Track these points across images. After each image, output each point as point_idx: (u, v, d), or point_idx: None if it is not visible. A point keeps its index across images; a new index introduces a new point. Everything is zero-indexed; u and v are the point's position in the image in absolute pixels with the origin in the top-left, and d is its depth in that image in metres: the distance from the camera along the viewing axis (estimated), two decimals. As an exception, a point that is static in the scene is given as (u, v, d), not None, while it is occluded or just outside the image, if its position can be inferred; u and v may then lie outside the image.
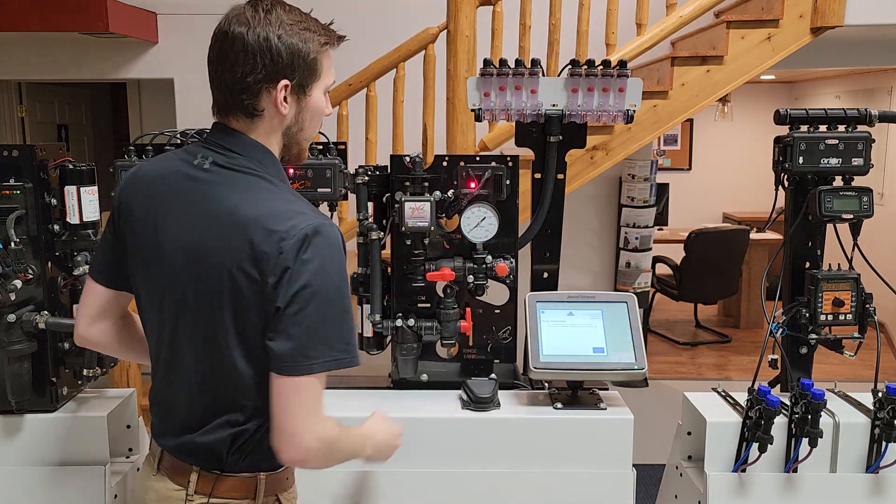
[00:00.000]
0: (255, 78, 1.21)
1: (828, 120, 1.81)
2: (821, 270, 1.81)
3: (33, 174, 1.72)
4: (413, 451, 1.74)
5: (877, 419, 1.69)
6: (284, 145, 1.31)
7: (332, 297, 1.20)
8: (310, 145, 1.39)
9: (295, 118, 1.28)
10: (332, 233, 1.21)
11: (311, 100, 1.29)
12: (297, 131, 1.30)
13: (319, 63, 1.28)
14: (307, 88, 1.27)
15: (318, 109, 1.31)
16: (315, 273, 1.18)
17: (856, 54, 4.28)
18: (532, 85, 1.94)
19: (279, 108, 1.24)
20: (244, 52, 1.20)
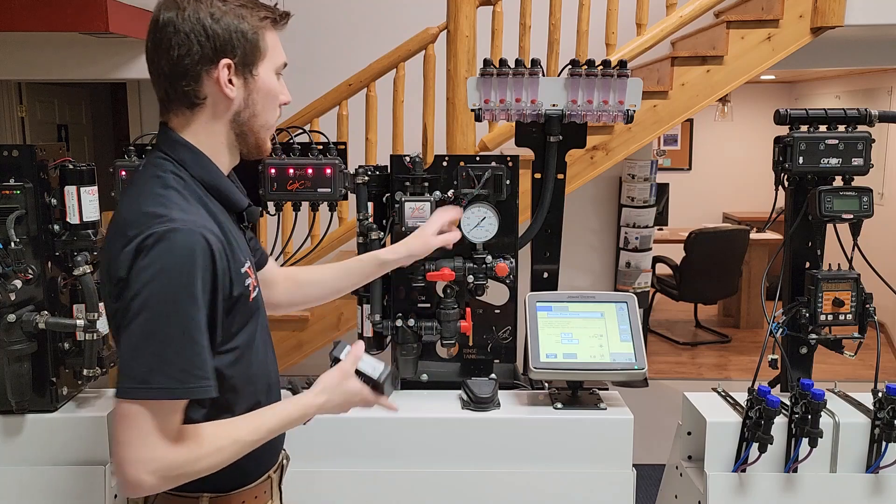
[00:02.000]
0: (193, 60, 1.15)
1: (828, 120, 1.81)
2: (821, 270, 1.81)
3: (33, 174, 1.72)
4: (413, 451, 1.74)
5: (877, 419, 1.69)
6: (238, 135, 1.23)
7: (166, 313, 1.06)
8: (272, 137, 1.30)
9: (244, 102, 1.20)
10: (184, 239, 1.07)
11: (259, 80, 1.21)
12: (250, 117, 1.22)
13: (262, 40, 1.20)
14: (253, 68, 1.20)
15: (270, 91, 1.23)
16: (147, 283, 1.06)
17: (856, 54, 4.28)
18: (532, 85, 1.94)
19: (224, 90, 1.17)
20: (177, 34, 1.14)
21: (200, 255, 1.08)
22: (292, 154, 1.87)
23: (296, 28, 4.72)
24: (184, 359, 1.07)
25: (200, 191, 1.19)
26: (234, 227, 1.26)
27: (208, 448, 1.13)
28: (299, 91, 3.84)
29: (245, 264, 1.20)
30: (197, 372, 1.09)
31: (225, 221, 1.21)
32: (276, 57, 1.24)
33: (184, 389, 1.07)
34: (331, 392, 1.28)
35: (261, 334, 1.28)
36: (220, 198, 1.23)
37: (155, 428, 1.07)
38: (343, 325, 3.34)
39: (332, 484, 1.75)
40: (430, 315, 1.90)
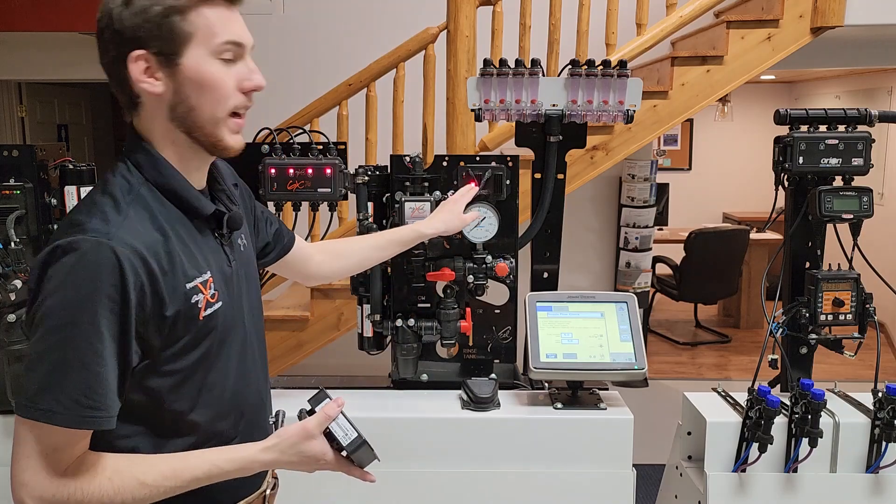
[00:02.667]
0: (109, 58, 1.06)
1: (828, 120, 1.81)
2: (821, 270, 1.81)
3: (33, 174, 1.72)
4: (413, 451, 1.74)
5: (877, 419, 1.69)
6: (186, 133, 1.10)
7: (61, 333, 0.98)
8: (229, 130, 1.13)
9: (175, 95, 1.07)
10: (89, 254, 0.98)
11: (187, 68, 1.06)
12: (187, 112, 1.08)
13: (185, 21, 1.05)
14: (176, 55, 1.05)
15: (205, 79, 1.07)
16: (46, 297, 0.99)
17: (856, 54, 4.28)
18: (532, 85, 1.94)
19: (143, 86, 1.05)
20: (98, 32, 1.06)
21: (106, 273, 0.99)
22: (292, 154, 1.87)
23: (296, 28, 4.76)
24: (73, 385, 0.98)
25: (152, 196, 1.09)
26: (198, 235, 1.14)
27: (102, 488, 1.03)
28: (299, 91, 3.86)
29: (196, 279, 1.09)
30: (85, 401, 0.99)
31: (181, 230, 1.11)
32: (214, 37, 1.07)
33: (67, 416, 0.98)
34: (282, 452, 1.14)
35: (227, 357, 1.17)
36: (178, 203, 1.12)
37: (39, 451, 1.00)
38: (343, 325, 3.34)
39: (332, 484, 1.74)
40: (430, 315, 1.90)
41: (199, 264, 1.11)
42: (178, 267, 1.07)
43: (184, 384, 1.11)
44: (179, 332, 1.08)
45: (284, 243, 1.51)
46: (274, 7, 4.46)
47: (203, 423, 1.14)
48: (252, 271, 1.30)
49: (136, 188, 1.09)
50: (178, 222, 1.11)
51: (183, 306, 1.07)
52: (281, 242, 1.50)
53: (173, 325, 1.07)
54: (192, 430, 1.13)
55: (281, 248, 1.51)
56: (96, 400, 1.00)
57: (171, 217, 1.10)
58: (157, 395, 1.08)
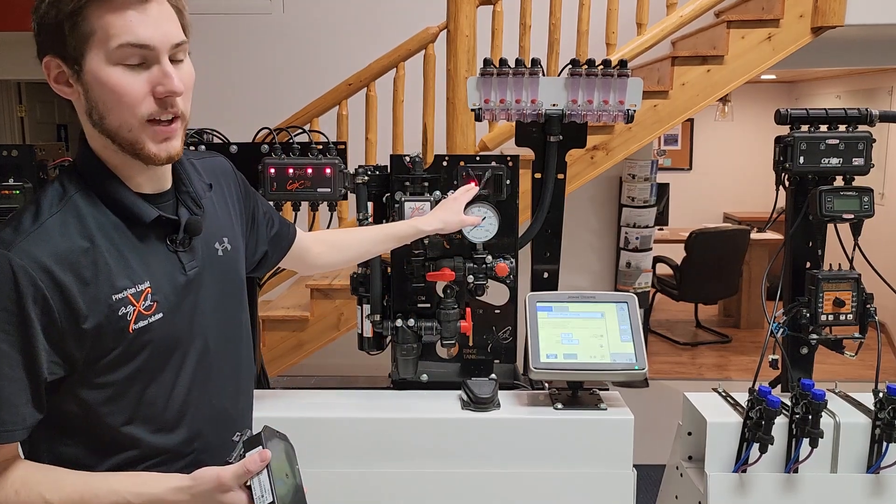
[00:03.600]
0: (40, 62, 1.04)
1: (828, 120, 1.81)
2: (821, 270, 1.81)
3: (33, 174, 1.72)
4: (413, 452, 1.74)
5: (877, 419, 1.69)
6: (108, 138, 1.05)
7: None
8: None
9: (87, 101, 1.03)
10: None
11: (88, 74, 1.00)
12: (100, 118, 1.03)
13: (85, 22, 0.98)
14: (80, 59, 1.00)
15: (104, 85, 1.00)
16: None
17: (856, 54, 4.28)
18: (532, 85, 1.93)
19: (59, 92, 1.04)
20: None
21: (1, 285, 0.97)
22: (292, 154, 1.87)
23: (295, 27, 4.76)
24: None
25: (88, 202, 1.05)
26: (139, 242, 1.08)
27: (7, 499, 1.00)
28: (299, 91, 3.86)
29: (126, 290, 1.05)
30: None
31: (117, 237, 1.06)
32: (108, 40, 0.99)
33: None
34: (194, 497, 1.04)
35: (173, 370, 1.11)
36: (116, 210, 1.07)
37: None
38: (343, 325, 3.34)
39: (332, 484, 1.74)
40: (430, 315, 1.90)
41: (133, 274, 1.06)
42: (103, 277, 1.03)
43: (119, 398, 1.07)
44: (107, 344, 1.04)
45: (282, 246, 1.46)
46: (274, 7, 4.46)
47: (144, 439, 1.10)
48: (231, 278, 1.24)
49: (71, 194, 1.05)
50: (115, 229, 1.06)
51: (107, 319, 1.03)
52: (279, 246, 1.45)
53: (97, 338, 1.03)
54: (133, 445, 1.10)
55: (278, 253, 1.47)
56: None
57: (105, 224, 1.06)
58: (90, 407, 1.06)
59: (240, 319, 1.26)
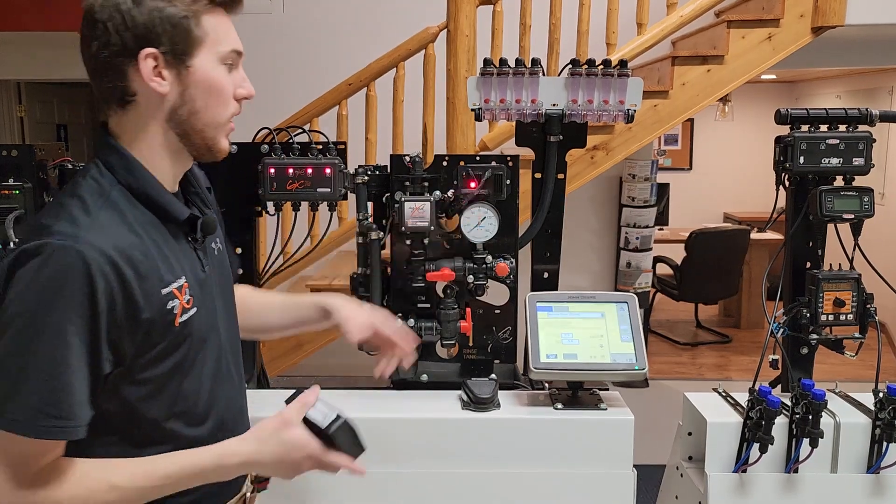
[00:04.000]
0: (112, 52, 1.03)
1: (829, 120, 1.80)
2: (821, 270, 1.81)
3: (32, 174, 1.72)
4: (413, 452, 1.74)
5: (878, 419, 1.69)
6: (181, 136, 1.10)
7: (26, 339, 0.96)
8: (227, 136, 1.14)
9: (180, 98, 1.07)
10: (56, 258, 0.96)
11: (196, 72, 1.07)
12: (189, 115, 1.08)
13: (198, 25, 1.06)
14: (188, 58, 1.06)
15: (212, 84, 1.08)
16: (12, 301, 0.96)
17: (856, 54, 4.28)
18: (532, 84, 1.93)
19: (152, 85, 1.05)
20: (94, 25, 1.03)
21: (73, 278, 0.96)
22: (292, 154, 1.87)
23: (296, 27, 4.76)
24: (37, 394, 0.95)
25: (125, 199, 1.07)
26: (172, 239, 1.12)
27: (73, 491, 1.00)
28: (299, 90, 3.86)
29: (171, 284, 1.07)
30: (50, 410, 0.96)
31: (155, 234, 1.08)
32: (221, 44, 1.09)
33: (30, 426, 0.96)
34: (262, 441, 1.11)
35: (201, 364, 1.14)
36: (152, 207, 1.09)
37: (5, 461, 0.97)
38: (343, 325, 3.33)
39: (332, 483, 1.74)
40: (430, 315, 1.90)
41: (173, 269, 1.08)
42: (153, 271, 1.05)
43: (159, 393, 1.08)
44: (154, 338, 1.05)
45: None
46: (274, 6, 4.46)
47: (180, 432, 1.12)
48: (226, 277, 1.27)
49: (108, 191, 1.06)
50: (152, 226, 1.08)
51: (158, 312, 1.04)
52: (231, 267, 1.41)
53: (148, 332, 1.04)
54: (169, 439, 1.11)
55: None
56: (62, 409, 0.97)
57: (143, 221, 1.08)
58: (131, 404, 1.06)
59: (235, 316, 1.30)
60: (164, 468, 1.06)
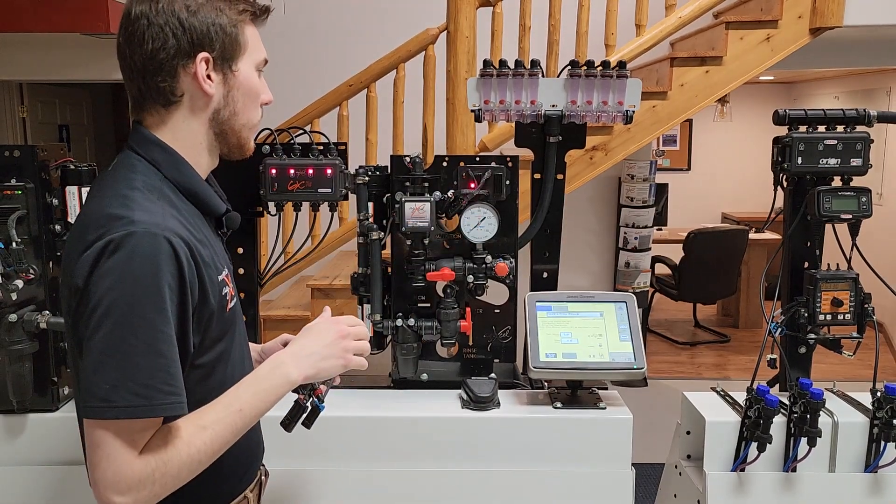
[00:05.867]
0: (168, 53, 1.10)
1: (826, 120, 1.81)
2: (819, 270, 1.82)
3: (35, 174, 1.72)
4: (413, 451, 1.75)
5: (875, 419, 1.70)
6: (218, 135, 1.18)
7: (129, 324, 0.99)
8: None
9: (224, 99, 1.15)
10: (146, 244, 1.00)
11: (240, 76, 1.16)
12: (230, 115, 1.17)
13: (242, 34, 1.16)
14: (233, 63, 1.15)
15: (251, 89, 1.18)
16: (107, 292, 0.98)
17: (854, 55, 4.29)
18: (532, 85, 1.94)
19: (203, 86, 1.12)
20: (150, 27, 1.09)
21: (165, 261, 1.01)
22: (293, 154, 1.88)
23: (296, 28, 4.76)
24: (149, 374, 0.99)
25: (173, 194, 1.13)
26: (212, 233, 1.20)
27: (176, 447, 1.03)
28: (300, 91, 3.87)
29: (222, 272, 1.15)
30: (164, 387, 1.00)
31: (201, 226, 1.15)
32: (257, 53, 1.19)
33: (149, 407, 0.99)
34: (294, 341, 1.21)
35: (238, 347, 1.21)
36: (196, 202, 1.17)
37: (121, 447, 0.99)
38: (343, 325, 3.34)
39: (333, 482, 1.75)
40: (430, 315, 1.91)
41: (219, 259, 1.17)
42: (211, 259, 1.12)
43: (209, 377, 1.14)
44: (212, 323, 1.11)
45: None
46: (274, 7, 4.46)
47: None
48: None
49: (160, 185, 1.12)
50: (198, 219, 1.16)
51: (217, 298, 1.12)
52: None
53: (210, 318, 1.11)
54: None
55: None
56: (172, 385, 1.01)
57: (190, 213, 1.14)
58: (188, 388, 1.08)
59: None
60: (236, 396, 1.11)
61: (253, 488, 1.30)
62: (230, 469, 1.20)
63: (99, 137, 6.36)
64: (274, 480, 1.49)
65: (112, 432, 0.99)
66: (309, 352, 1.20)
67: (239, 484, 1.27)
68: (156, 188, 1.10)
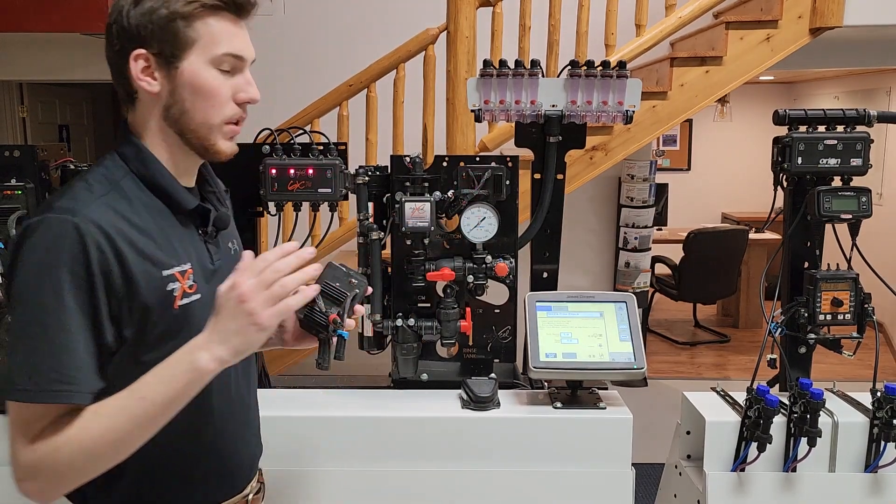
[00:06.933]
0: (114, 51, 1.10)
1: (826, 120, 1.81)
2: (819, 270, 1.82)
3: (34, 174, 1.72)
4: (413, 451, 1.75)
5: (875, 419, 1.70)
6: (178, 133, 1.14)
7: (30, 310, 1.00)
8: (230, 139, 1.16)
9: (170, 97, 1.11)
10: (52, 229, 1.01)
11: (185, 73, 1.09)
12: (180, 114, 1.11)
13: (190, 26, 1.09)
14: (176, 58, 1.09)
15: (201, 86, 1.11)
16: (17, 276, 1.02)
17: (854, 55, 4.29)
18: (532, 86, 1.94)
19: (141, 84, 1.10)
20: (108, 28, 1.12)
21: (68, 246, 1.00)
22: (293, 154, 1.88)
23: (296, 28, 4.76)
24: (41, 359, 0.99)
25: (137, 187, 1.12)
26: (181, 228, 1.16)
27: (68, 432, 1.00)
28: (300, 91, 3.87)
29: (174, 267, 1.10)
30: (52, 374, 0.99)
31: (162, 220, 1.13)
32: (214, 47, 1.10)
33: (38, 393, 0.98)
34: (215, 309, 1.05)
35: None
36: (161, 195, 1.14)
37: (17, 432, 1.00)
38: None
39: (333, 482, 1.75)
40: (430, 315, 1.91)
41: (177, 254, 1.13)
42: (155, 253, 1.09)
43: None
44: (154, 318, 1.08)
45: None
46: (274, 7, 4.47)
47: (180, 418, 1.09)
48: None
49: (118, 178, 1.12)
50: (159, 213, 1.13)
51: (157, 293, 1.08)
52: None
53: (147, 312, 1.07)
54: (168, 426, 1.09)
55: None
56: (67, 374, 1.00)
57: (152, 207, 1.13)
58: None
59: None
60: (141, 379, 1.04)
61: (247, 497, 1.28)
62: (203, 475, 1.18)
63: (99, 137, 6.36)
64: (274, 481, 1.49)
65: (13, 416, 1.01)
66: (218, 330, 1.04)
67: (218, 491, 1.24)
68: (112, 181, 1.11)
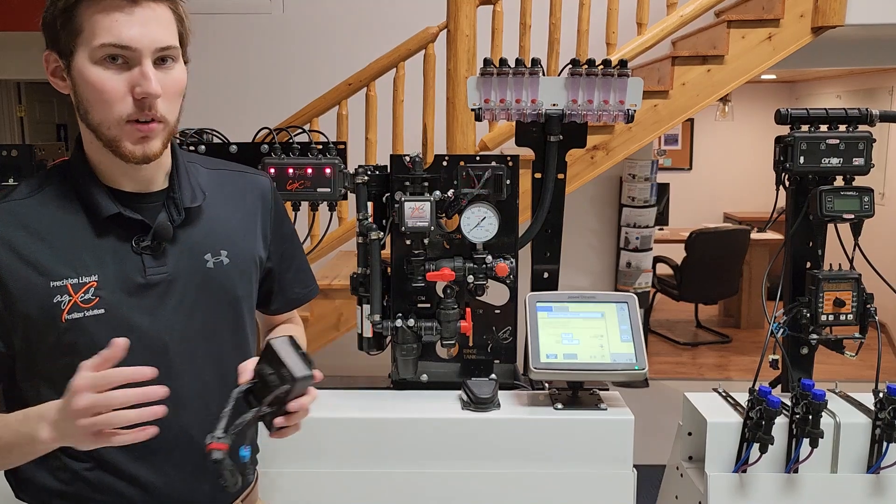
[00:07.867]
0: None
1: (829, 120, 1.81)
2: (822, 270, 1.81)
3: (32, 173, 1.72)
4: (413, 452, 1.74)
5: (878, 419, 1.69)
6: (92, 133, 1.08)
7: None
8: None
9: (75, 95, 1.07)
10: None
11: (75, 69, 1.04)
12: (84, 113, 1.07)
13: (73, 19, 1.02)
14: (70, 56, 1.04)
15: (87, 82, 1.03)
16: None
17: (856, 54, 4.28)
18: (532, 84, 1.93)
19: (55, 85, 1.09)
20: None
21: None
22: (292, 154, 1.87)
23: (296, 27, 4.75)
24: None
25: (59, 192, 1.10)
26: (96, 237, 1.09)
27: None
28: (299, 90, 3.86)
29: (67, 279, 1.05)
30: None
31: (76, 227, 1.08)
32: (93, 39, 1.01)
33: None
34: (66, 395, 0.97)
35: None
36: (82, 202, 1.09)
37: None
38: (343, 325, 3.34)
39: (332, 484, 1.74)
40: (430, 315, 1.90)
41: (79, 266, 1.07)
42: (45, 263, 1.06)
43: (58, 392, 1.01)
44: (40, 330, 1.06)
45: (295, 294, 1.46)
46: (274, 7, 4.46)
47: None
48: (219, 293, 1.19)
49: (52, 181, 1.11)
50: (76, 222, 1.09)
51: (39, 303, 1.05)
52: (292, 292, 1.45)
53: (28, 322, 1.05)
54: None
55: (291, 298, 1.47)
56: None
57: (67, 216, 1.09)
58: (42, 397, 1.05)
59: (223, 336, 1.21)
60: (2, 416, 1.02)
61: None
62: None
63: (99, 137, 6.36)
64: (273, 482, 1.48)
65: None
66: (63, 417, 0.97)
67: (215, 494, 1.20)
68: (42, 184, 1.11)
